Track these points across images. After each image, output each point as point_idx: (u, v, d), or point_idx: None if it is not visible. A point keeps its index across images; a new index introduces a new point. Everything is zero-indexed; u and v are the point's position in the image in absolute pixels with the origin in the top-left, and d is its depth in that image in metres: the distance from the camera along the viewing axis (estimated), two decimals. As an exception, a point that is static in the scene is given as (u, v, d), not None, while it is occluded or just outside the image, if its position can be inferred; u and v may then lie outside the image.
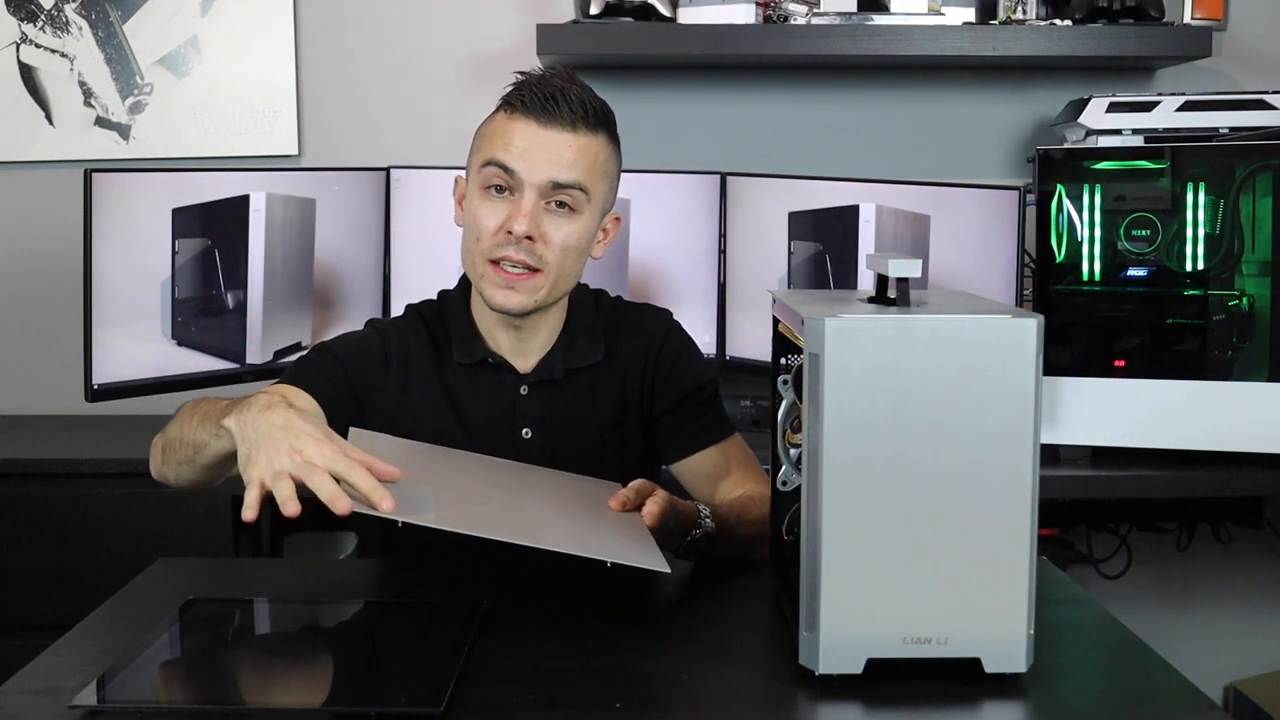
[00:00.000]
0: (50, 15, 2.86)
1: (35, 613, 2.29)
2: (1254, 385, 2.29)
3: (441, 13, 2.92)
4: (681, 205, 2.73)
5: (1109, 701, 1.32)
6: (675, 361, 1.83)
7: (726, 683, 1.33)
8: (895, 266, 1.34)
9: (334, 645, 1.45)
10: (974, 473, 1.26)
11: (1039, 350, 1.26)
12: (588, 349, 1.79)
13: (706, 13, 2.70)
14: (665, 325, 1.86)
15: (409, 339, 1.79)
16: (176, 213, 2.48)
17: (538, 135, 1.67)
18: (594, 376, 1.80)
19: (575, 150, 1.68)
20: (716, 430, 1.82)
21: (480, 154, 1.72)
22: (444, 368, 1.78)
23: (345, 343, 1.80)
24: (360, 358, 1.77)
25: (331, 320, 2.68)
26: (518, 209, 1.67)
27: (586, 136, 1.69)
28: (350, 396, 1.74)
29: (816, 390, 1.26)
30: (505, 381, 1.77)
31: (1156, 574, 2.98)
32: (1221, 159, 2.32)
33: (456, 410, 1.77)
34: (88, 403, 2.42)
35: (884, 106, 2.95)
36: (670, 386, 1.81)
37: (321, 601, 1.55)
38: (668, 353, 1.83)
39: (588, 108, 1.70)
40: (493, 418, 1.76)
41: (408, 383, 1.77)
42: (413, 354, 1.78)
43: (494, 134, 1.70)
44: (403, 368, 1.77)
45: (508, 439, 1.76)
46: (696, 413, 1.82)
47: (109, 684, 1.28)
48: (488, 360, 1.77)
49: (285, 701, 1.29)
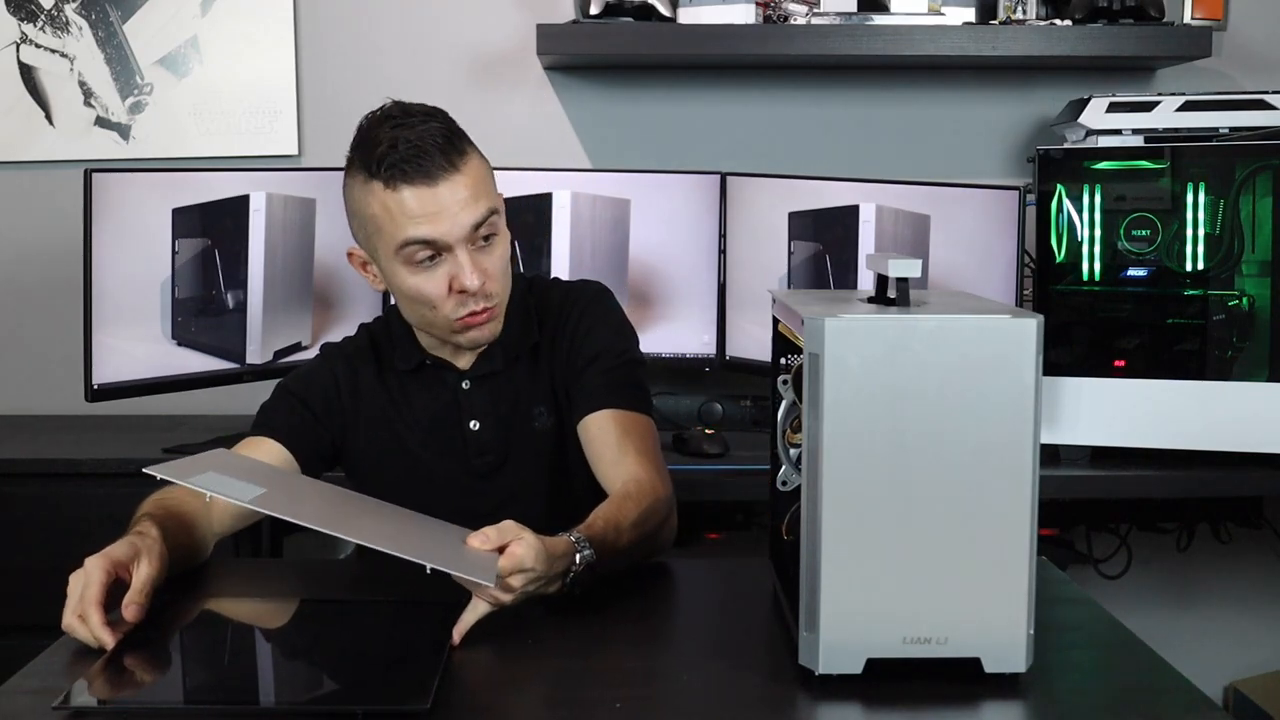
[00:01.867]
0: (50, 15, 2.86)
1: (35, 613, 2.28)
2: (1254, 385, 2.29)
3: (441, 13, 2.92)
4: (681, 205, 2.72)
5: (1109, 701, 1.32)
6: (590, 326, 1.83)
7: (726, 683, 1.33)
8: (895, 266, 1.34)
9: (322, 644, 1.45)
10: (974, 473, 1.27)
11: (1039, 350, 1.26)
12: (522, 336, 1.82)
13: (706, 13, 2.69)
14: (589, 295, 1.87)
15: (354, 360, 1.86)
16: (176, 213, 2.48)
17: (434, 195, 1.65)
18: (532, 360, 1.83)
19: (469, 186, 1.67)
20: (617, 397, 1.78)
21: (383, 237, 1.68)
22: (389, 376, 1.84)
23: (300, 378, 1.86)
24: (315, 390, 1.83)
25: (332, 320, 2.68)
26: (459, 268, 1.68)
27: (465, 166, 1.68)
28: (319, 428, 1.82)
29: (816, 390, 1.26)
30: (447, 380, 1.82)
31: (1156, 574, 2.98)
32: (1221, 159, 2.32)
33: (406, 413, 1.83)
34: (88, 403, 2.42)
35: (884, 106, 2.95)
36: (580, 349, 1.81)
37: (310, 600, 1.55)
38: (585, 318, 1.83)
39: (449, 137, 1.68)
40: (440, 415, 1.81)
41: (358, 401, 1.83)
42: (360, 372, 1.85)
43: (388, 214, 1.66)
44: (352, 389, 1.84)
45: (457, 433, 1.81)
46: (599, 378, 1.79)
47: (92, 685, 1.28)
48: (426, 362, 1.82)
49: (271, 700, 1.29)
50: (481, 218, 1.68)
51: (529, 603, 1.44)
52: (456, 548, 1.40)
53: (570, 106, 2.93)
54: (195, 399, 2.69)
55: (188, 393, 2.58)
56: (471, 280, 1.67)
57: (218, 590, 1.61)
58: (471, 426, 1.81)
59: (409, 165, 1.64)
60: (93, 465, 2.41)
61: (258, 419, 1.82)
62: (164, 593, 1.49)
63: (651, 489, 1.67)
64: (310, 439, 1.81)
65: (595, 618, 1.48)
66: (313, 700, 1.30)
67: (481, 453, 1.81)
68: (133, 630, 1.40)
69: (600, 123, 2.94)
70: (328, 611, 1.51)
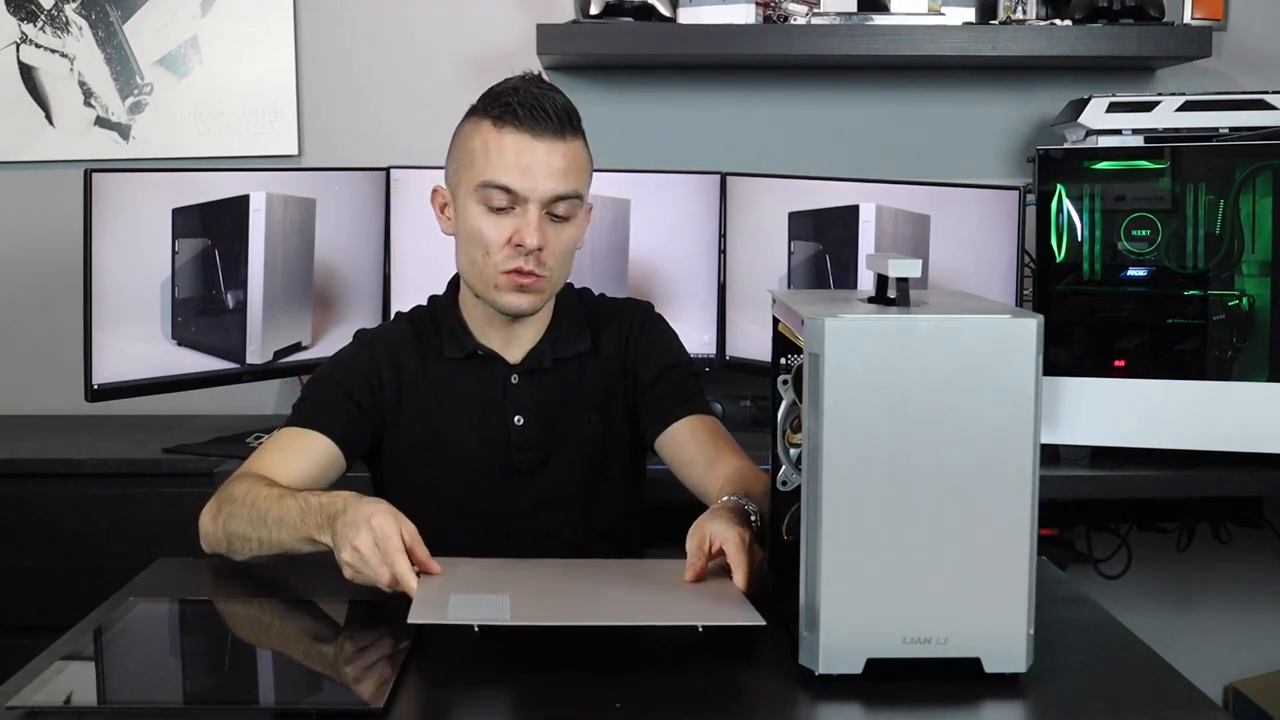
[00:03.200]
0: (50, 15, 2.86)
1: (35, 613, 2.29)
2: (1254, 385, 2.29)
3: (441, 13, 2.92)
4: (681, 205, 2.72)
5: (1109, 701, 1.32)
6: (654, 341, 1.88)
7: (727, 683, 1.33)
8: (895, 266, 1.34)
9: (278, 643, 1.45)
10: (974, 473, 1.27)
11: (1039, 350, 1.27)
12: (574, 339, 1.85)
13: (706, 13, 2.69)
14: (644, 312, 1.92)
15: (396, 345, 1.84)
16: (176, 213, 2.48)
17: (532, 148, 1.71)
18: (580, 366, 1.85)
19: (566, 159, 1.72)
20: (696, 404, 1.85)
21: (472, 171, 1.74)
22: (435, 364, 1.83)
23: (338, 364, 1.85)
24: (354, 376, 1.82)
25: (331, 320, 2.68)
26: (525, 224, 1.71)
27: (572, 142, 1.74)
28: (364, 420, 1.80)
29: (816, 390, 1.26)
30: (496, 371, 1.83)
31: (1156, 574, 2.98)
32: (1221, 159, 2.32)
33: (450, 401, 1.82)
34: (88, 403, 2.42)
35: (884, 106, 2.94)
36: (649, 364, 1.86)
37: (272, 599, 1.55)
38: (646, 333, 1.89)
39: (569, 113, 1.74)
40: (486, 406, 1.81)
41: (400, 387, 1.82)
42: (401, 358, 1.83)
43: (484, 149, 1.73)
44: (394, 373, 1.82)
45: (500, 425, 1.81)
46: (674, 388, 1.85)
47: (50, 684, 1.27)
48: (477, 353, 1.83)
49: (225, 699, 1.29)
50: (565, 192, 1.72)
51: None
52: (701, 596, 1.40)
53: (570, 106, 2.93)
54: (195, 399, 2.69)
55: (188, 393, 2.58)
56: (532, 238, 1.70)
57: (174, 589, 1.61)
58: (516, 421, 1.81)
59: (522, 111, 1.70)
60: (93, 465, 2.41)
61: (301, 410, 1.79)
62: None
63: (755, 474, 1.70)
64: (357, 433, 1.79)
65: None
66: (267, 699, 1.30)
67: (523, 448, 1.81)
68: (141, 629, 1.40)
69: (600, 123, 2.93)
70: (290, 610, 1.52)
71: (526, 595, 1.44)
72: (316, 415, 1.78)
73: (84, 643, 1.38)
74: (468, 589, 1.44)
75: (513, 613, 1.35)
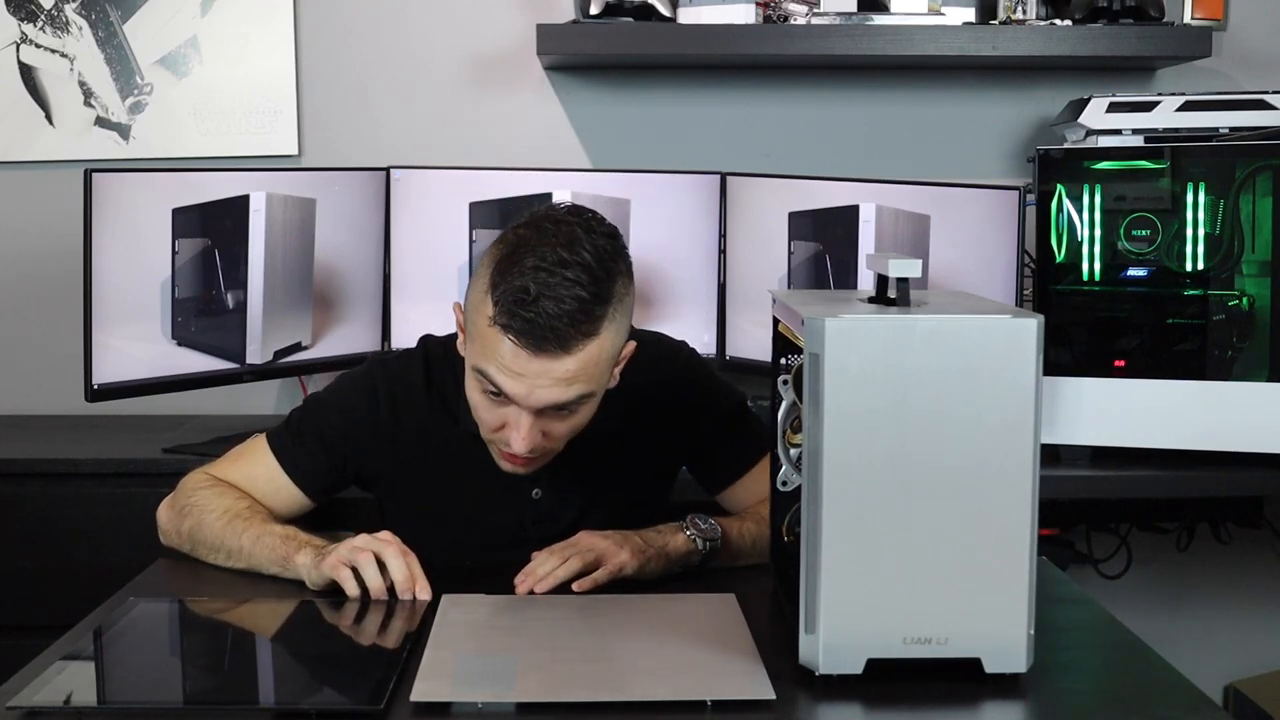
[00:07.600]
0: (50, 15, 2.86)
1: (35, 613, 2.29)
2: (1254, 385, 2.29)
3: (441, 13, 2.92)
4: (681, 205, 2.72)
5: (1109, 701, 1.32)
6: (708, 393, 1.81)
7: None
8: (895, 266, 1.34)
9: (278, 643, 1.45)
10: (974, 473, 1.27)
11: (1039, 350, 1.26)
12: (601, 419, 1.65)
13: (706, 13, 2.69)
14: (684, 359, 1.83)
15: (411, 395, 1.73)
16: (176, 213, 2.48)
17: (528, 363, 1.50)
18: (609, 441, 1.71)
19: (572, 368, 1.52)
20: (755, 449, 1.78)
21: (474, 349, 1.56)
22: (448, 425, 1.72)
23: (335, 405, 1.75)
24: (346, 426, 1.73)
25: (331, 320, 2.68)
26: (516, 426, 1.55)
27: (581, 346, 1.51)
28: (341, 468, 1.75)
29: (816, 390, 1.26)
30: None
31: (1156, 574, 2.98)
32: (1221, 159, 2.32)
33: (465, 474, 1.72)
34: (88, 403, 2.42)
35: (884, 106, 2.94)
36: (703, 423, 1.79)
37: (271, 600, 1.55)
38: (698, 392, 1.80)
39: (587, 308, 1.50)
40: (503, 480, 1.69)
41: (398, 443, 1.73)
42: (414, 410, 1.73)
43: (484, 339, 1.53)
44: (393, 428, 1.73)
45: (516, 495, 1.72)
46: (736, 441, 1.80)
47: (50, 684, 1.27)
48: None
49: (225, 699, 1.29)
50: (565, 401, 1.54)
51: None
52: (714, 650, 1.38)
53: (570, 106, 2.93)
54: (195, 399, 2.69)
55: (188, 393, 2.58)
56: (518, 446, 1.56)
57: (174, 589, 1.61)
58: (534, 495, 1.73)
59: (527, 327, 1.48)
60: (93, 465, 2.41)
61: (283, 441, 1.73)
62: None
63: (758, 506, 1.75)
64: (331, 483, 1.75)
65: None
66: (266, 699, 1.30)
67: (539, 520, 1.72)
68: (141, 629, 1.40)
69: (600, 123, 2.94)
70: (284, 611, 1.52)
71: (536, 654, 1.37)
72: (295, 458, 1.72)
73: (84, 643, 1.38)
74: (476, 646, 1.39)
75: (519, 681, 1.29)
